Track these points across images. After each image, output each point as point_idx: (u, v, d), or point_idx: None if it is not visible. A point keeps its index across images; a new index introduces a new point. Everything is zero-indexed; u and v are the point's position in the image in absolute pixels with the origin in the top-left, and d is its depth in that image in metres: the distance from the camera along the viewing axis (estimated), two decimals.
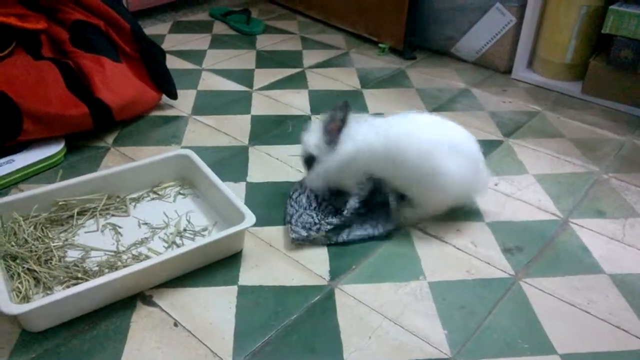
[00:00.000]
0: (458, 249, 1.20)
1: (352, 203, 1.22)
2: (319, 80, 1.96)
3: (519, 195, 1.36)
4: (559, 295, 1.08)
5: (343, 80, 1.97)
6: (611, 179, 1.44)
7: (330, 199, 1.29)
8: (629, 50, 1.67)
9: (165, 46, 2.22)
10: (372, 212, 1.25)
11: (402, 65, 2.10)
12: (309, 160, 1.23)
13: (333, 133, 1.19)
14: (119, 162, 1.46)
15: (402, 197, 1.24)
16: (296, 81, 1.95)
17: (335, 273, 1.12)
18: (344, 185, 1.25)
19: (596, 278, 1.12)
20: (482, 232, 1.25)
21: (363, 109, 1.78)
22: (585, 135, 1.65)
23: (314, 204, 1.28)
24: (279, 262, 1.15)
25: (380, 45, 2.21)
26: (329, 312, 1.03)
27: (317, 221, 1.21)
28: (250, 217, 1.11)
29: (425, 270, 1.13)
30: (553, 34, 1.89)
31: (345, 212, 1.21)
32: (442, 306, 1.05)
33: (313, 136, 1.22)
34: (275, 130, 1.64)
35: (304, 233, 1.18)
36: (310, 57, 2.15)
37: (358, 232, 1.21)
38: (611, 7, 1.67)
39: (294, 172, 1.43)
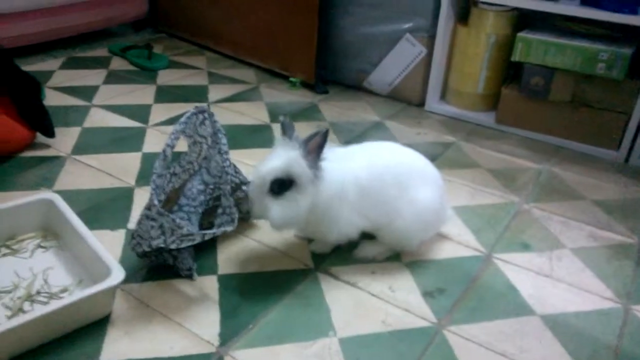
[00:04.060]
0: (373, 295, 1.03)
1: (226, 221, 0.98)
2: (225, 115, 1.80)
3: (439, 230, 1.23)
4: (488, 344, 0.93)
5: (251, 114, 1.82)
6: (532, 208, 1.35)
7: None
8: (539, 77, 1.64)
9: (52, 82, 1.99)
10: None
11: (314, 99, 1.98)
12: (282, 186, 0.94)
13: (314, 152, 0.94)
14: None
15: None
16: None
17: (227, 336, 0.92)
18: (323, 232, 1.05)
19: (527, 321, 0.99)
20: (400, 274, 1.10)
21: (272, 142, 1.62)
22: (502, 165, 1.57)
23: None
24: (156, 327, 0.93)
25: (291, 79, 2.09)
26: None
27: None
28: (117, 273, 0.90)
29: (336, 324, 0.96)
30: (464, 65, 1.85)
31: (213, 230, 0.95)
32: None
33: (289, 154, 0.94)
34: None
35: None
36: (217, 92, 1.99)
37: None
38: (519, 34, 1.64)
39: None
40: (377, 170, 1.04)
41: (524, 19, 1.78)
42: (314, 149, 0.95)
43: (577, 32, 1.66)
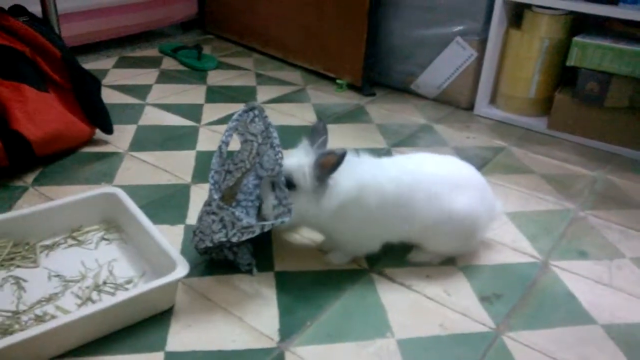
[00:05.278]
0: (429, 298, 1.03)
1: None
2: (274, 116, 1.82)
3: (493, 235, 1.22)
4: (549, 351, 0.92)
5: (299, 115, 1.84)
6: (589, 216, 1.33)
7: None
8: (595, 82, 1.61)
9: (107, 81, 2.05)
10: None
11: (361, 101, 1.99)
12: (286, 185, 1.00)
13: (325, 168, 0.97)
14: (37, 204, 1.25)
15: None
16: None
17: (287, 332, 0.94)
18: (340, 241, 1.09)
19: (588, 329, 0.97)
20: (455, 278, 1.09)
21: None
22: (556, 171, 1.55)
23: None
24: (217, 320, 0.95)
25: (338, 81, 2.10)
26: None
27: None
28: (182, 266, 0.93)
29: (393, 325, 0.96)
30: (515, 69, 1.83)
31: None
32: None
33: (300, 159, 0.99)
34: None
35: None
36: (265, 93, 2.02)
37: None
38: (575, 38, 1.61)
39: None
40: (405, 184, 1.03)
41: (579, 23, 1.74)
42: (326, 165, 0.97)
43: (636, 36, 1.62)
